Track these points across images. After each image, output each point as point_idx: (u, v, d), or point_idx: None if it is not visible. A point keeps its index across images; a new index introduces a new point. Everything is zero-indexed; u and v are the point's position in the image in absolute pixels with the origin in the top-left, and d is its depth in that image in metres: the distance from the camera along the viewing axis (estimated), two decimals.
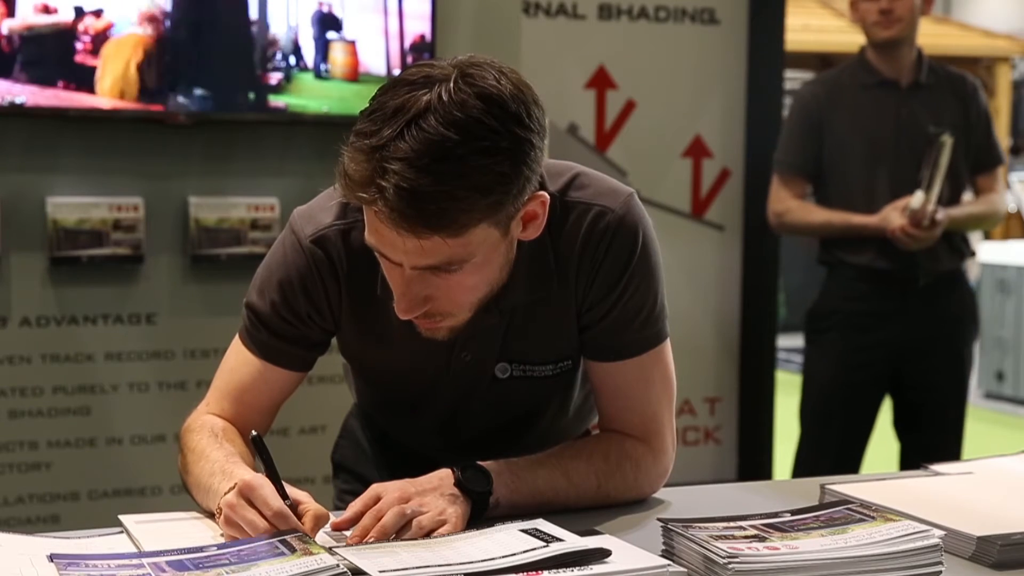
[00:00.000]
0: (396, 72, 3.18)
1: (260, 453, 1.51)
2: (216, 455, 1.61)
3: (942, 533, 1.45)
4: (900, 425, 3.64)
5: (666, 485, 1.78)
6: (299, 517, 1.45)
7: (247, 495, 1.45)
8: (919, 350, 3.50)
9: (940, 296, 3.48)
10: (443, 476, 1.58)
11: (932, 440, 3.56)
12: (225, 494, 1.49)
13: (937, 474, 1.82)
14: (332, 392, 3.19)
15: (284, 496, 1.46)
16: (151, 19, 3.21)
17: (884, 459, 3.94)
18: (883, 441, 3.88)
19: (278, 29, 3.33)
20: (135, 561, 1.38)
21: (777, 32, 4.16)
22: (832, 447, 3.58)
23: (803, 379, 3.72)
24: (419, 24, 3.35)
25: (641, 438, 1.73)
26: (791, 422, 3.81)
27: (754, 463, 4.16)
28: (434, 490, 1.55)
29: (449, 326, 1.59)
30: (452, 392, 1.76)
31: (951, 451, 3.55)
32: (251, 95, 3.32)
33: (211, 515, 1.56)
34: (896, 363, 3.52)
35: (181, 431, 1.73)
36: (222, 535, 1.50)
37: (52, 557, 1.38)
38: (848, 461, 3.56)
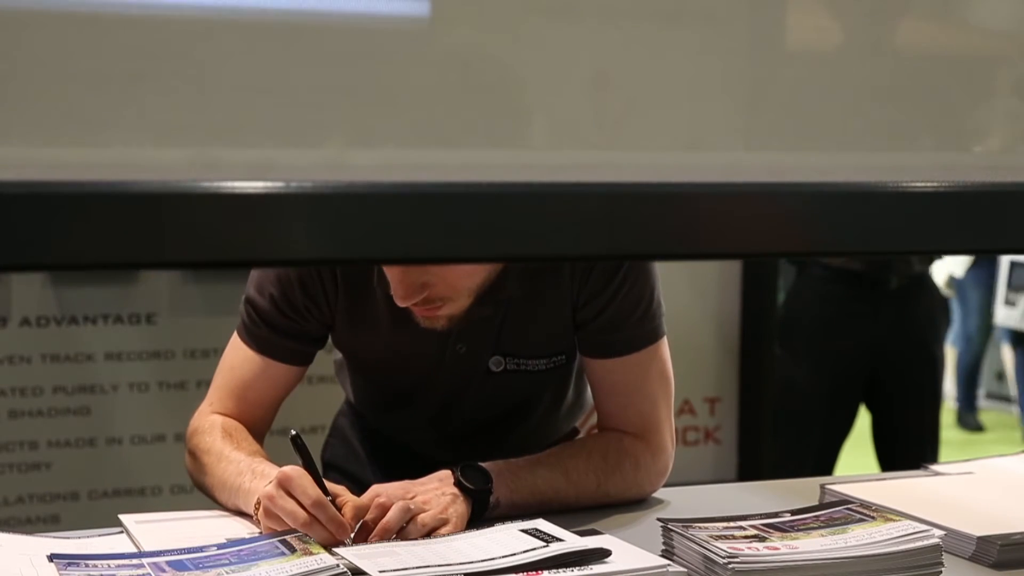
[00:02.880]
0: None
1: (299, 450, 1.52)
2: (237, 456, 1.63)
3: (942, 533, 1.45)
4: (879, 433, 3.62)
5: (666, 485, 1.78)
6: (338, 509, 1.47)
7: (285, 486, 1.47)
8: (894, 351, 3.49)
9: (911, 297, 3.48)
10: (443, 477, 1.58)
11: (911, 446, 3.55)
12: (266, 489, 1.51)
13: (937, 474, 1.82)
14: (331, 392, 3.18)
15: (324, 489, 1.48)
16: None
17: (860, 465, 3.93)
18: (857, 447, 3.88)
19: None
20: (135, 561, 1.38)
21: None
22: (811, 453, 3.57)
23: (779, 384, 3.71)
24: None
25: (639, 435, 1.73)
26: None
27: (754, 463, 4.15)
28: (434, 490, 1.55)
29: (448, 314, 1.60)
30: (446, 384, 1.77)
31: (930, 455, 3.54)
32: None
33: (239, 513, 1.58)
34: (872, 365, 3.52)
35: (188, 433, 1.74)
36: (251, 532, 1.51)
37: (52, 557, 1.38)
38: (823, 467, 3.55)
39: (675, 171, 0.98)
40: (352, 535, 1.46)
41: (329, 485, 1.50)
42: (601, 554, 1.38)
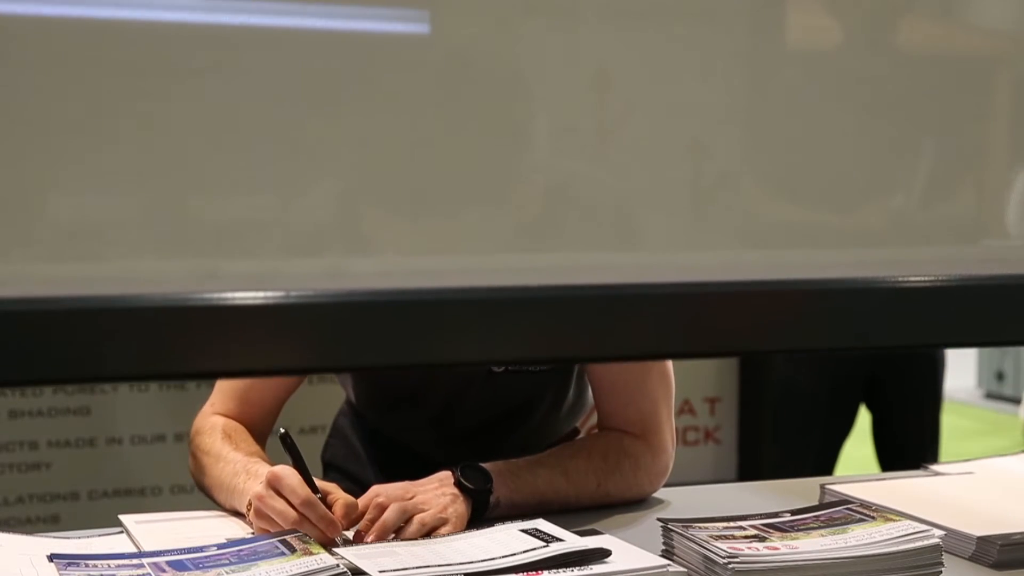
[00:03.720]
0: None
1: (288, 449, 1.52)
2: (235, 456, 1.64)
3: (942, 533, 1.45)
4: (879, 434, 3.62)
5: (666, 485, 1.78)
6: (328, 507, 1.47)
7: (275, 485, 1.47)
8: (893, 352, 3.49)
9: None
10: (443, 477, 1.58)
11: (911, 446, 3.55)
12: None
13: (937, 474, 1.82)
14: (331, 392, 3.19)
15: (313, 487, 1.48)
16: None
17: (859, 464, 3.93)
18: (858, 446, 3.88)
19: None
20: (135, 561, 1.38)
21: None
22: (811, 453, 3.57)
23: (779, 384, 3.71)
24: None
25: (640, 435, 1.73)
26: None
27: (754, 463, 4.15)
28: (434, 490, 1.55)
29: None
30: (447, 385, 1.77)
31: (930, 455, 3.54)
32: None
33: (236, 514, 1.58)
34: (871, 366, 3.51)
35: (191, 434, 1.75)
36: (252, 532, 1.51)
37: (52, 557, 1.38)
38: (823, 467, 3.55)
39: (675, 271, 0.98)
40: (348, 533, 1.46)
41: (319, 483, 1.51)
42: (601, 554, 1.38)
